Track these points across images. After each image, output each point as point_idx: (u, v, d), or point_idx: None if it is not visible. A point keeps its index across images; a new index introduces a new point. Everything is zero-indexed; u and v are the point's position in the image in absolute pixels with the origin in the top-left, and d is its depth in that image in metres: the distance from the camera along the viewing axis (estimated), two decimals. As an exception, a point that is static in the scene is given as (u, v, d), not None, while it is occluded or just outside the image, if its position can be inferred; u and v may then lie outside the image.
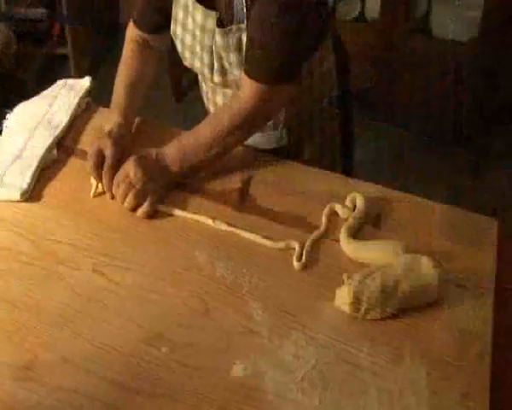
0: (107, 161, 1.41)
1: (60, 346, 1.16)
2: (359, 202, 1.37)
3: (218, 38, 1.42)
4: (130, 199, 1.37)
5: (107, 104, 1.58)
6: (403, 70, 2.77)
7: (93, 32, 3.55)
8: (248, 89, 1.39)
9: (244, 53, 1.40)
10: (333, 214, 1.38)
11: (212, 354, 1.15)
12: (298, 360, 1.14)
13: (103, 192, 1.42)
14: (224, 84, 1.51)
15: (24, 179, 1.41)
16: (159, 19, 1.55)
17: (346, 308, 1.20)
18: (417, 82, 2.77)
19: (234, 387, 1.11)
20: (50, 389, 1.10)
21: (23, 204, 1.40)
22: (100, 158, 1.41)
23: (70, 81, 1.66)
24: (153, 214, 1.38)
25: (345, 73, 1.67)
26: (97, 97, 1.69)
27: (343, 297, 1.20)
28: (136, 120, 1.57)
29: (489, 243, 1.34)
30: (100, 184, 1.42)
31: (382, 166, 2.99)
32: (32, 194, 1.41)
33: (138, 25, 1.59)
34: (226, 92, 1.54)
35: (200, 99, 1.68)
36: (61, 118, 1.56)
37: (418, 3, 2.77)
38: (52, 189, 1.44)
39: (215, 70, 1.47)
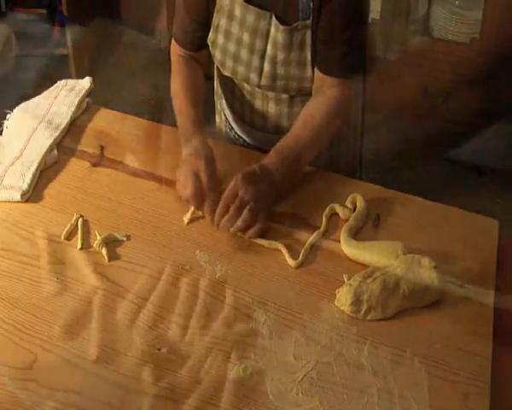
0: (207, 185, 1.33)
1: (60, 346, 1.16)
2: (359, 202, 1.37)
3: (281, 37, 1.41)
4: (245, 217, 1.29)
5: (107, 104, 1.58)
6: (403, 70, 2.77)
7: (93, 32, 3.55)
8: (335, 86, 1.43)
9: (319, 53, 1.41)
10: (333, 215, 1.38)
11: (212, 354, 1.15)
12: (298, 360, 1.14)
13: (198, 217, 1.35)
14: (271, 88, 1.50)
15: (24, 180, 1.41)
16: (202, 34, 1.51)
17: (347, 309, 1.20)
18: (417, 82, 2.77)
19: (234, 387, 1.11)
20: (50, 390, 1.10)
21: (23, 205, 1.40)
22: (199, 183, 1.33)
23: (70, 81, 1.66)
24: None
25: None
26: (97, 97, 1.69)
27: (343, 297, 1.20)
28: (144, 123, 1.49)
29: (489, 243, 1.34)
30: (194, 209, 1.35)
31: (382, 167, 2.99)
32: (33, 194, 1.41)
33: (182, 43, 1.56)
34: (266, 95, 1.54)
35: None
36: (62, 118, 1.55)
37: (418, 3, 2.78)
38: (52, 189, 1.44)
39: (264, 74, 1.47)
